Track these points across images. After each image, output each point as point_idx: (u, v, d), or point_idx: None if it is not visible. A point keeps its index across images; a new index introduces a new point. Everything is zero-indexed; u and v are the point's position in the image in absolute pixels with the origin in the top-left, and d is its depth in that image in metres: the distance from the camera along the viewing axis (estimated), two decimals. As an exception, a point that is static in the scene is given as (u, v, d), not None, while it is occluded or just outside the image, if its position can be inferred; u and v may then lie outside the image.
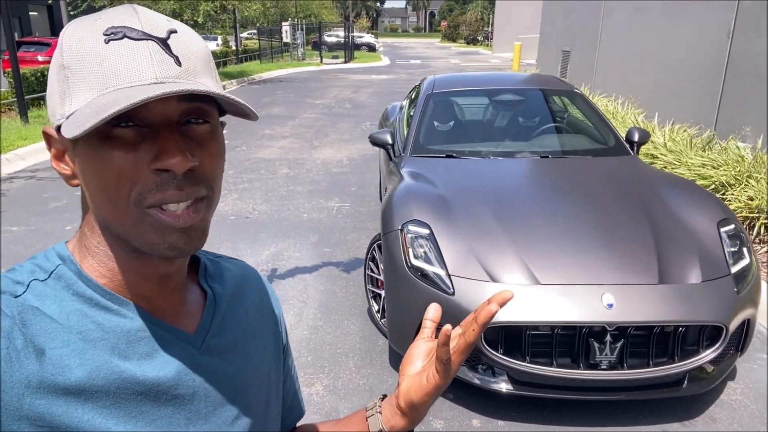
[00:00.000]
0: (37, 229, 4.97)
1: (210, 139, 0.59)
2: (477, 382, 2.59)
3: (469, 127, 4.49)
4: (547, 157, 3.69)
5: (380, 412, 0.75)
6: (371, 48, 37.36)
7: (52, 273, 0.58)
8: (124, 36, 0.54)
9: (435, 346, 0.71)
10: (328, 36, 32.32)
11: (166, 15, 0.60)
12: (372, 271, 3.38)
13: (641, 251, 2.62)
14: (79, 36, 0.55)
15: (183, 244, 0.57)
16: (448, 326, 0.64)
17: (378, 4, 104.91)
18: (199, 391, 0.62)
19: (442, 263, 2.65)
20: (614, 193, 3.12)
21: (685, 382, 2.50)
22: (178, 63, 0.55)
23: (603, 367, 2.43)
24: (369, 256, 3.37)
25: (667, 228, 2.77)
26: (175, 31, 0.57)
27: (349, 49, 28.02)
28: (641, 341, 2.45)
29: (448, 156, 3.76)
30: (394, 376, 2.93)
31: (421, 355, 0.74)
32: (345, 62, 26.52)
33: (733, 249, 2.71)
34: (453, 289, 2.55)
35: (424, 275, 2.66)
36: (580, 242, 2.68)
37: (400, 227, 2.86)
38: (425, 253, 2.73)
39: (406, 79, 19.43)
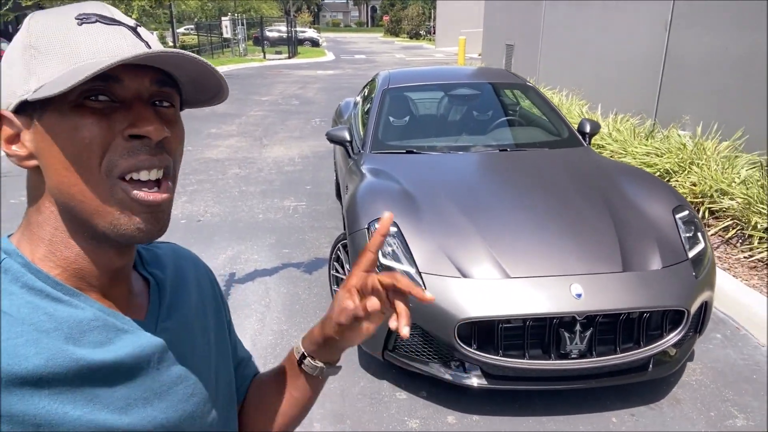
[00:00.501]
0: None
1: (175, 121, 0.62)
2: (449, 378, 2.58)
3: (427, 122, 4.48)
4: (506, 150, 3.73)
5: (309, 356, 0.80)
6: (314, 43, 36.95)
7: None
8: (97, 20, 0.56)
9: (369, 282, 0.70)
10: (269, 31, 31.74)
11: None
12: (337, 272, 3.32)
13: (604, 241, 2.68)
14: (49, 19, 0.56)
15: (150, 226, 0.58)
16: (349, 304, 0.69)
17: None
18: (153, 372, 0.64)
19: (412, 261, 2.63)
20: (574, 185, 3.17)
21: (650, 366, 2.57)
22: (149, 47, 0.58)
23: (573, 356, 2.47)
24: (333, 256, 3.31)
25: (626, 217, 2.85)
26: (140, 25, 0.61)
27: (293, 44, 27.61)
28: (608, 328, 2.51)
29: (408, 152, 3.74)
30: (365, 378, 2.89)
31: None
32: (289, 58, 26.12)
33: (688, 234, 2.81)
34: (424, 286, 2.52)
35: (393, 274, 2.63)
36: (547, 234, 2.71)
37: (366, 226, 2.82)
38: (393, 251, 2.70)
39: (353, 74, 19.32)
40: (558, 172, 3.37)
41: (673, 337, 2.54)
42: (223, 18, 26.92)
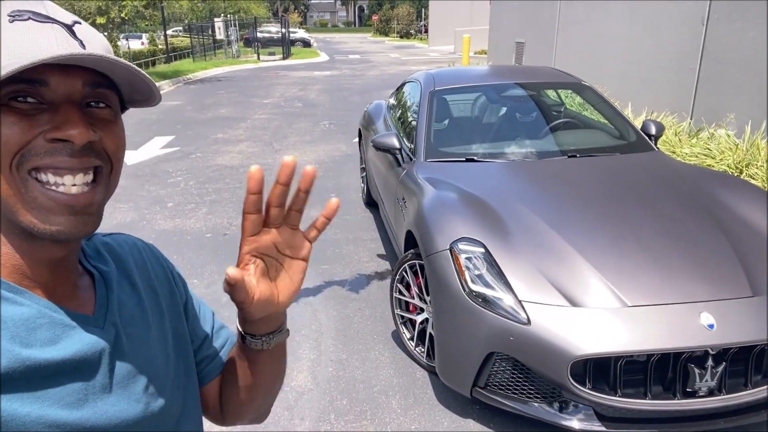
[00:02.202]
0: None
1: (112, 122, 0.60)
2: (550, 417, 2.27)
3: (479, 126, 4.16)
4: (575, 156, 3.42)
5: (245, 332, 0.75)
6: (306, 44, 36.51)
7: None
8: (30, 18, 0.55)
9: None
10: (260, 32, 31.30)
11: (90, 12, 0.61)
12: (402, 294, 3.00)
13: (723, 260, 2.38)
14: None
15: (73, 228, 0.57)
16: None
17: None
18: (105, 367, 0.63)
19: (507, 287, 2.32)
20: (667, 194, 2.88)
21: (781, 400, 2.28)
22: (83, 46, 0.56)
23: (701, 393, 2.17)
24: (398, 277, 2.98)
25: (738, 232, 2.55)
26: (80, 23, 0.58)
27: (286, 45, 27.19)
28: (738, 361, 2.21)
29: (468, 160, 3.42)
30: (448, 416, 2.57)
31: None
32: (283, 59, 25.69)
33: (806, 250, 2.52)
34: (528, 317, 2.21)
35: (486, 301, 2.31)
36: (657, 253, 2.41)
37: (448, 247, 2.50)
38: (482, 275, 2.39)
39: (351, 74, 18.98)
40: (642, 180, 3.07)
41: (809, 369, 2.25)
42: (215, 19, 26.43)
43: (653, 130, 3.73)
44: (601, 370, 2.19)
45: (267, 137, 8.88)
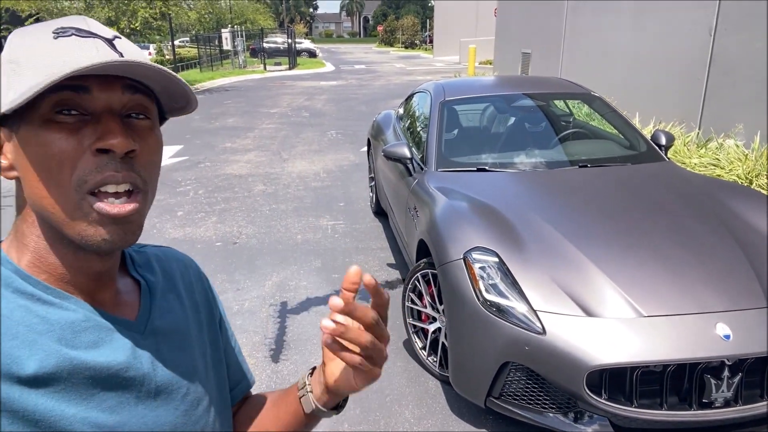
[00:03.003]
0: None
1: (149, 134, 0.62)
2: (565, 427, 2.26)
3: (489, 136, 4.18)
4: (586, 166, 3.43)
5: (311, 391, 0.76)
6: (312, 54, 36.78)
7: None
8: (72, 34, 0.58)
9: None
10: (266, 43, 31.55)
11: (101, 23, 0.64)
12: (414, 303, 3.00)
13: (738, 270, 2.38)
14: (28, 35, 0.60)
15: (116, 238, 0.59)
16: (327, 324, 0.61)
17: (311, 10, 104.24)
18: (147, 373, 0.65)
19: (522, 296, 2.32)
20: (680, 205, 2.88)
21: (797, 411, 2.27)
22: (122, 57, 0.58)
23: (717, 404, 2.16)
24: (410, 287, 2.99)
25: (752, 241, 2.55)
26: (119, 38, 0.62)
27: (293, 55, 27.37)
28: (754, 371, 2.20)
29: (478, 169, 3.43)
30: (461, 425, 2.57)
31: None
32: (289, 69, 25.86)
33: (820, 260, 2.52)
34: (543, 327, 2.22)
35: (500, 311, 2.32)
36: (672, 264, 2.41)
37: (462, 256, 2.51)
38: (496, 285, 2.39)
39: (357, 84, 19.09)
40: (655, 191, 3.07)
41: (826, 380, 2.24)
42: (223, 30, 26.64)
43: (663, 141, 3.74)
44: (616, 381, 2.18)
45: (275, 147, 8.93)
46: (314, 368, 0.79)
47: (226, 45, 25.94)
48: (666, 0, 7.02)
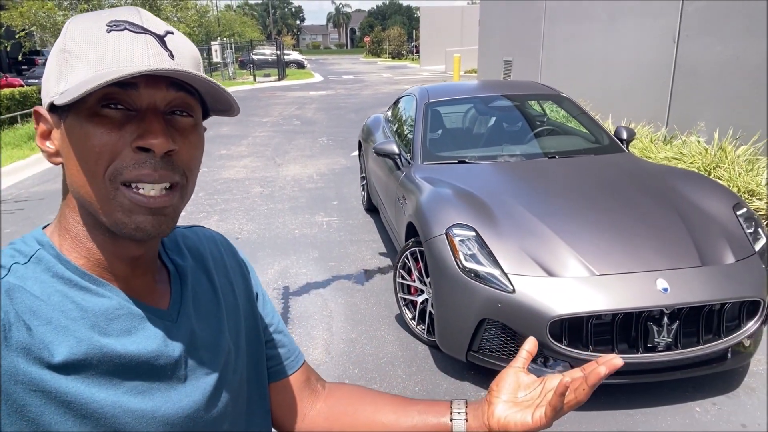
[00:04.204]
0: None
1: (192, 132, 0.63)
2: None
3: (470, 134, 4.61)
4: (554, 157, 3.86)
5: (467, 419, 0.79)
6: (300, 65, 37.27)
7: (31, 257, 0.61)
8: (125, 28, 0.58)
9: (540, 384, 0.75)
10: (255, 54, 31.99)
11: None
12: (404, 278, 3.39)
13: (678, 237, 2.80)
14: (83, 25, 0.59)
15: (150, 227, 0.61)
16: (567, 380, 0.67)
17: (298, 22, 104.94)
18: (179, 359, 0.66)
19: (495, 263, 2.72)
20: (633, 186, 3.31)
21: (729, 356, 2.68)
22: (172, 57, 0.60)
23: (660, 348, 2.57)
24: (400, 264, 3.38)
25: (691, 215, 2.98)
26: (172, 33, 0.62)
27: (281, 66, 27.82)
28: (691, 321, 2.61)
29: (459, 162, 3.85)
30: (447, 380, 2.95)
31: (520, 385, 0.77)
32: (279, 80, 26.30)
33: (750, 230, 2.95)
34: (512, 287, 2.62)
35: (477, 276, 2.72)
36: (623, 233, 2.83)
37: (444, 232, 2.90)
38: (474, 254, 2.79)
39: (346, 94, 19.53)
40: (613, 176, 3.50)
41: (751, 327, 2.66)
42: (212, 43, 27.05)
43: (624, 135, 4.18)
44: (574, 330, 2.58)
45: (269, 153, 9.31)
46: (466, 400, 0.82)
47: (216, 57, 26.35)
48: (634, 9, 7.53)
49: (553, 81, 10.29)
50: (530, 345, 0.81)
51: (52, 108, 0.60)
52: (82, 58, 0.57)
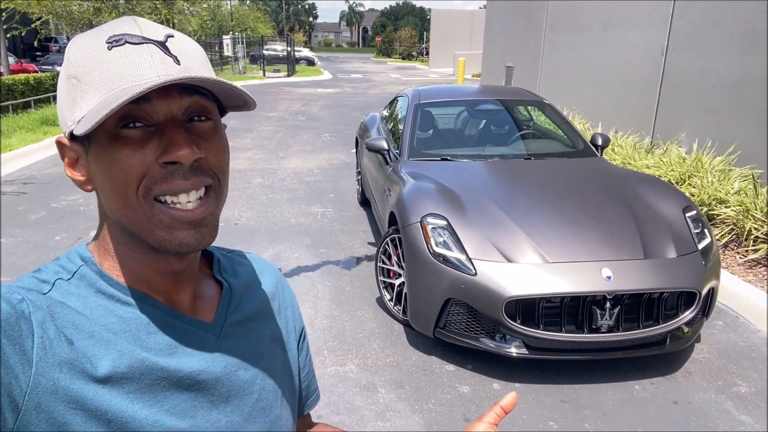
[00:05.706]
0: (26, 241, 4.98)
1: (214, 134, 0.63)
2: (492, 347, 2.97)
3: (454, 134, 4.93)
4: (530, 158, 4.17)
5: None
6: (310, 62, 37.63)
7: (75, 273, 0.62)
8: (125, 42, 0.58)
9: None
10: (266, 50, 32.39)
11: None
12: (384, 263, 3.72)
13: (627, 233, 3.12)
14: (84, 47, 0.59)
15: (193, 241, 0.61)
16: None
17: (311, 19, 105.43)
18: (220, 376, 0.66)
19: (462, 249, 3.04)
20: (595, 187, 3.62)
21: (668, 341, 2.99)
22: (177, 62, 0.59)
23: (603, 330, 2.88)
24: (381, 249, 3.71)
25: (643, 214, 3.29)
26: (172, 36, 0.61)
27: (291, 63, 28.20)
28: (632, 307, 2.93)
29: (443, 159, 4.17)
30: (416, 354, 3.27)
31: None
32: (288, 76, 26.67)
33: (696, 230, 3.26)
34: (475, 270, 2.94)
35: (446, 260, 3.04)
36: (577, 227, 3.15)
37: (419, 220, 3.23)
38: (444, 241, 3.11)
39: (353, 92, 19.86)
40: (580, 177, 3.82)
41: (687, 315, 2.97)
42: (224, 37, 27.45)
43: (600, 141, 4.49)
44: (528, 311, 2.90)
45: (272, 146, 9.65)
46: None
47: (227, 51, 26.75)
48: (627, 22, 7.84)
49: (551, 88, 10.60)
50: (507, 401, 0.75)
51: (73, 136, 0.60)
52: (90, 83, 0.57)
